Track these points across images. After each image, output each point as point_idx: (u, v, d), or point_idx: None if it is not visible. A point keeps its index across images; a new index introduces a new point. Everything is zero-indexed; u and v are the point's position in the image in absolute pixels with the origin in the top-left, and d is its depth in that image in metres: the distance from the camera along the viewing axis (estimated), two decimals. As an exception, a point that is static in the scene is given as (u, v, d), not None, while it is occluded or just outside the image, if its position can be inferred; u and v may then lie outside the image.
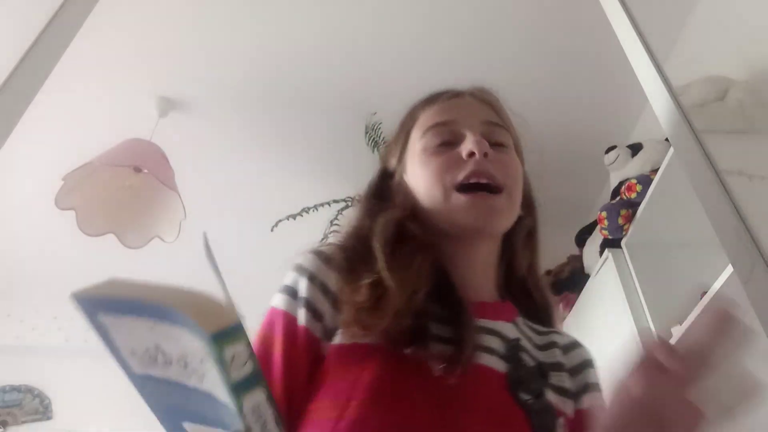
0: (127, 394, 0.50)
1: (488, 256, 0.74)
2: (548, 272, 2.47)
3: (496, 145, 0.72)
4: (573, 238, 2.31)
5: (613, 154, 2.00)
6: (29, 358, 3.16)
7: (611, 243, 1.93)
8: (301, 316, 0.63)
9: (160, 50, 2.15)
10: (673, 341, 1.51)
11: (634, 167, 1.93)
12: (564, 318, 2.24)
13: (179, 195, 1.98)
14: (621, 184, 1.95)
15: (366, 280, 0.62)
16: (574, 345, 0.75)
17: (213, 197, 2.68)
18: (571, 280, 2.28)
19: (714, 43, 1.83)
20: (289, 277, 0.67)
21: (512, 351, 0.65)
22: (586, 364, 0.73)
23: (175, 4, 2.00)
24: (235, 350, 0.39)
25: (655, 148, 1.89)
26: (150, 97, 2.29)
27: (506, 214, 0.71)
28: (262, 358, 0.59)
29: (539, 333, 0.74)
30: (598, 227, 1.99)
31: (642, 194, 1.81)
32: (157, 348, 0.42)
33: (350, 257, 0.68)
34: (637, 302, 1.74)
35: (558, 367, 0.69)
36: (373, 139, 2.33)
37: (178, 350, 0.41)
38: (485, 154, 0.68)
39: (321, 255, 0.68)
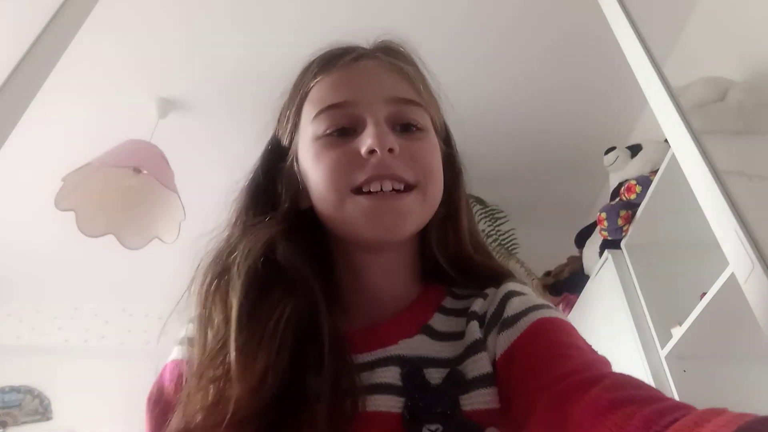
0: (126, 394, 0.50)
1: (400, 258, 0.63)
2: (548, 273, 2.47)
3: (407, 126, 0.60)
4: (572, 239, 2.31)
5: (612, 155, 2.00)
6: (29, 358, 3.16)
7: (611, 244, 1.93)
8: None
9: (160, 51, 2.15)
10: (673, 342, 1.52)
11: (633, 168, 1.93)
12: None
13: (179, 196, 1.98)
14: (620, 185, 1.95)
15: (209, 374, 0.51)
16: (490, 304, 0.59)
17: (213, 198, 2.67)
18: (571, 281, 2.28)
19: (714, 43, 1.83)
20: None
21: (409, 377, 0.52)
22: (502, 325, 0.55)
23: (175, 4, 2.00)
24: None
25: (654, 149, 1.89)
26: (150, 98, 2.29)
27: (417, 215, 0.58)
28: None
29: (460, 311, 0.60)
30: (598, 228, 1.99)
31: (641, 195, 1.81)
32: None
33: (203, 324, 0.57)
34: (637, 303, 1.73)
35: (475, 348, 0.54)
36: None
37: None
38: (390, 150, 0.56)
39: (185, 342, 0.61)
